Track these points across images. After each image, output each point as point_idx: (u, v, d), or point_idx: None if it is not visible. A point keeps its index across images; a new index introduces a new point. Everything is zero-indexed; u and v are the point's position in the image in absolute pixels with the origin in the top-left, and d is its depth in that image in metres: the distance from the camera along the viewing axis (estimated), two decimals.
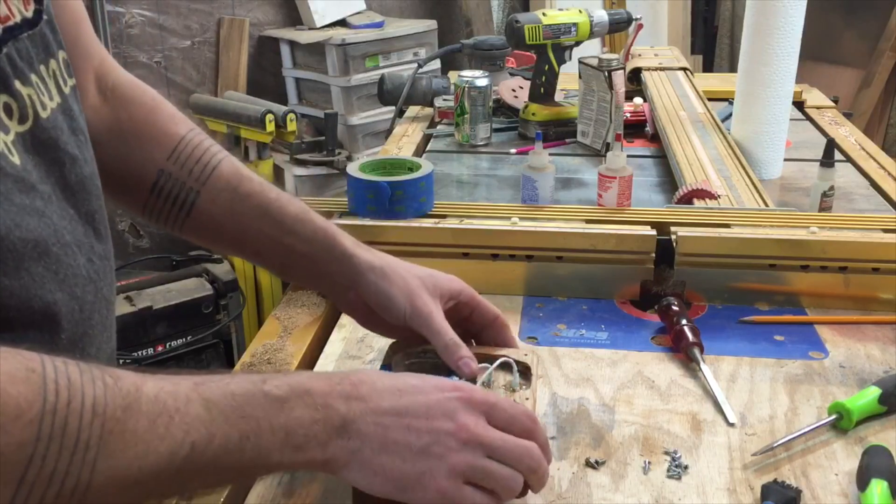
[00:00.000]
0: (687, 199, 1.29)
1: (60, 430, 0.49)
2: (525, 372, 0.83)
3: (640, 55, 2.14)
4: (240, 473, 0.59)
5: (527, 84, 1.81)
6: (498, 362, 0.81)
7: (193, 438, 0.54)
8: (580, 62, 1.65)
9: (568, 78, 1.82)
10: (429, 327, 0.78)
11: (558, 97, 1.80)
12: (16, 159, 0.60)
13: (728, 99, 1.78)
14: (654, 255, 1.10)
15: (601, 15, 1.73)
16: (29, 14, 0.65)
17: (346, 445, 0.61)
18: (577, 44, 1.73)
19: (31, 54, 0.65)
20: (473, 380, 0.77)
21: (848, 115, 1.92)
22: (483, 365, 0.80)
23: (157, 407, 0.54)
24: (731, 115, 1.66)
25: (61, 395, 0.50)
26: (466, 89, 1.68)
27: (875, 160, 1.58)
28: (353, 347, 1.01)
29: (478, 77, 1.69)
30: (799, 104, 1.92)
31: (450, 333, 0.78)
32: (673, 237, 1.10)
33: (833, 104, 1.97)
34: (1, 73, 0.61)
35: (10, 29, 0.63)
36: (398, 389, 0.65)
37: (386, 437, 0.62)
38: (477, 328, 0.85)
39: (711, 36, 4.50)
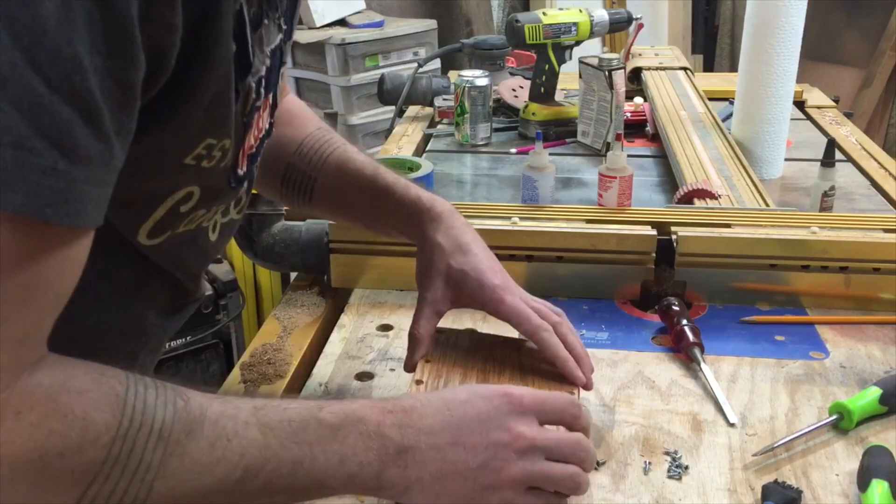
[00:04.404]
0: (687, 199, 1.29)
1: (127, 454, 0.52)
2: None
3: (640, 55, 2.13)
4: (293, 496, 0.61)
5: (527, 84, 1.81)
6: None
7: (247, 462, 0.57)
8: (580, 62, 1.65)
9: (568, 78, 1.82)
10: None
11: (558, 97, 1.80)
12: (213, 236, 0.72)
13: (729, 98, 1.77)
14: (654, 255, 1.10)
15: (601, 14, 1.72)
16: (267, 125, 0.75)
17: (403, 473, 0.62)
18: (578, 43, 1.73)
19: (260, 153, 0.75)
20: None
21: (848, 115, 1.92)
22: None
23: (216, 430, 0.56)
24: (731, 114, 1.66)
25: (135, 420, 0.53)
26: (466, 89, 1.68)
27: (876, 160, 1.57)
28: (353, 347, 1.01)
29: (478, 77, 1.69)
30: (800, 104, 1.92)
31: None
32: (673, 237, 1.10)
33: (834, 104, 1.97)
34: (248, 177, 0.72)
35: (262, 140, 0.74)
36: (448, 409, 0.65)
37: (443, 460, 0.63)
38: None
39: (712, 35, 4.50)
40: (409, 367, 0.82)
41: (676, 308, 1.02)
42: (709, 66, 4.42)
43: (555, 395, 0.71)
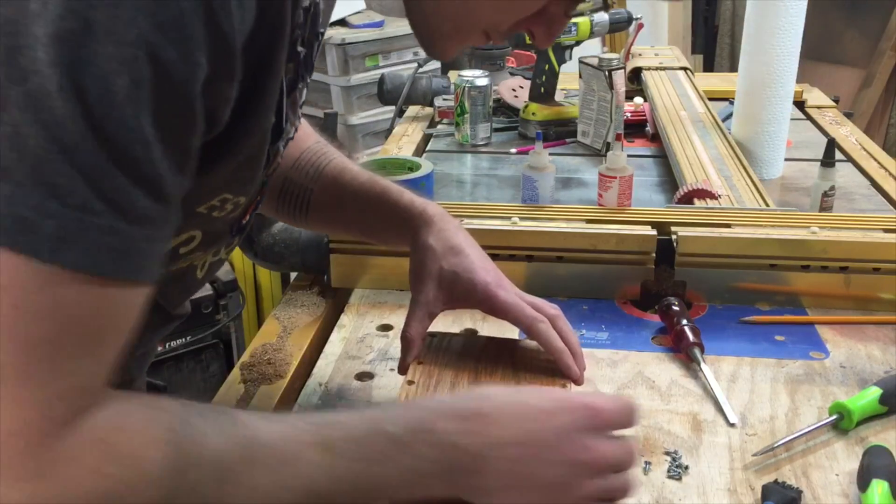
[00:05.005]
0: (687, 199, 1.29)
1: (184, 489, 0.52)
2: None
3: (640, 55, 2.13)
4: None
5: (527, 84, 1.80)
6: None
7: (309, 485, 0.56)
8: (580, 62, 1.65)
9: (568, 78, 1.82)
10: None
11: (558, 97, 1.80)
12: (200, 273, 0.72)
13: (729, 98, 1.77)
14: (654, 255, 1.10)
15: (601, 14, 1.72)
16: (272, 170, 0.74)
17: (473, 482, 0.60)
18: (578, 43, 1.73)
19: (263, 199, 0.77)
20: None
21: (848, 115, 1.92)
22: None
23: (274, 454, 0.55)
24: (731, 114, 1.66)
25: (190, 454, 0.52)
26: (466, 89, 1.68)
27: (876, 160, 1.57)
28: (353, 347, 1.01)
29: (478, 77, 1.69)
30: (800, 104, 1.92)
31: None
32: (673, 237, 1.10)
33: (834, 104, 1.97)
34: (249, 225, 0.74)
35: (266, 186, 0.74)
36: (529, 419, 0.62)
37: (514, 471, 0.61)
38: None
39: (712, 36, 4.49)
40: (403, 369, 0.83)
41: (676, 308, 1.02)
42: (709, 66, 4.41)
43: (622, 402, 0.66)
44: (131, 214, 0.48)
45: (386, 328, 1.05)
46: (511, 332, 0.86)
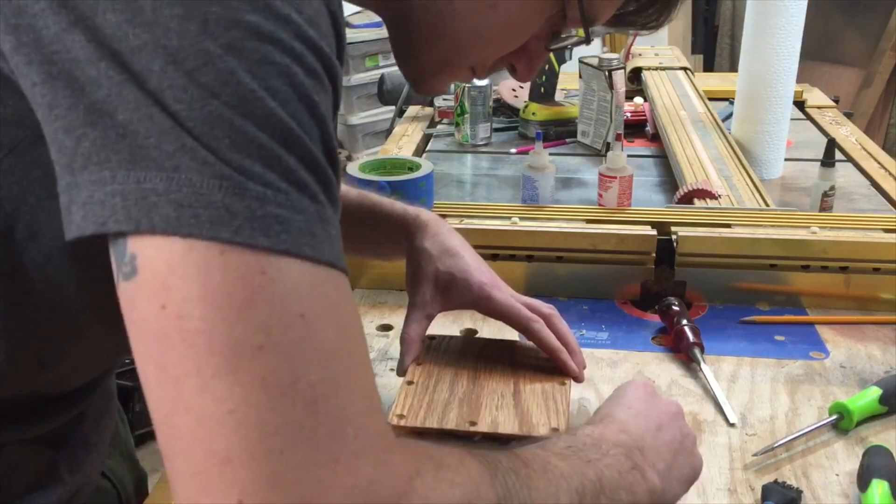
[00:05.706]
0: (687, 199, 1.29)
1: (511, 493, 0.54)
2: None
3: (640, 55, 2.14)
4: None
5: (527, 84, 1.81)
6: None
7: (570, 484, 0.59)
8: (580, 62, 1.65)
9: (568, 78, 1.82)
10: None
11: (558, 97, 1.80)
12: None
13: (729, 98, 1.77)
14: (654, 255, 1.10)
15: None
16: None
17: (653, 470, 0.66)
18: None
19: None
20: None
21: (848, 115, 1.92)
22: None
23: (538, 464, 0.58)
24: (731, 114, 1.66)
25: (497, 472, 0.54)
26: (466, 89, 1.68)
27: (876, 160, 1.57)
28: None
29: None
30: (800, 104, 1.92)
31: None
32: (673, 237, 1.10)
33: (834, 104, 1.97)
34: None
35: None
36: (631, 407, 0.71)
37: (664, 446, 0.69)
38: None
39: (712, 36, 4.49)
40: (402, 371, 0.83)
41: (676, 308, 1.02)
42: (709, 66, 4.41)
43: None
44: (336, 203, 0.47)
45: (386, 328, 1.05)
46: (511, 331, 0.86)
